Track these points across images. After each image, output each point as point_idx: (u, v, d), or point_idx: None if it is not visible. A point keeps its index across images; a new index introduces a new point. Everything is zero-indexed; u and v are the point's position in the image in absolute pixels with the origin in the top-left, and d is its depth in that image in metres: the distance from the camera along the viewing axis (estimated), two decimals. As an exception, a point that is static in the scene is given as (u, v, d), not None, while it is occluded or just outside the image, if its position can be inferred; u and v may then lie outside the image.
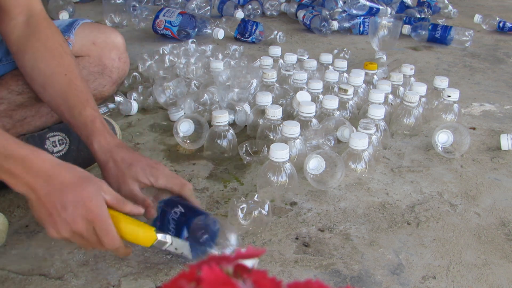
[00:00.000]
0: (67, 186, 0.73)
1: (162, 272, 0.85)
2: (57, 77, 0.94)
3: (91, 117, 0.90)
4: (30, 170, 0.72)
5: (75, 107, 0.91)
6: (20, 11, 0.97)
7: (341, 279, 0.85)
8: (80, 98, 0.92)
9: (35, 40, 0.96)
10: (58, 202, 0.72)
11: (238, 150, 1.20)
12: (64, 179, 0.73)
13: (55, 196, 0.72)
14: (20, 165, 0.72)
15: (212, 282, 0.30)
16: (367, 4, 2.47)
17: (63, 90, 0.93)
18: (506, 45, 2.39)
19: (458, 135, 1.26)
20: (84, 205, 0.72)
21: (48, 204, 0.72)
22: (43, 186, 0.72)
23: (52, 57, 0.95)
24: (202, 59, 1.70)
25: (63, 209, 0.72)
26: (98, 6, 2.68)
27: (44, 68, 0.94)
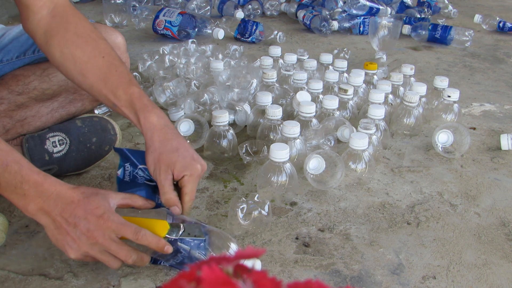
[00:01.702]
0: (75, 203, 0.75)
1: (162, 272, 0.85)
2: (95, 61, 0.92)
3: (137, 94, 0.89)
4: (42, 194, 0.75)
5: (119, 87, 0.90)
6: (42, 4, 0.94)
7: (341, 279, 0.85)
8: (122, 78, 0.91)
9: (65, 30, 0.94)
10: (71, 220, 0.74)
11: (238, 150, 1.20)
12: (73, 198, 0.75)
13: (67, 215, 0.74)
14: (34, 190, 0.75)
15: (212, 282, 0.30)
16: (367, 4, 2.47)
17: (104, 73, 0.91)
18: (506, 45, 2.39)
19: (458, 135, 1.26)
20: (94, 214, 0.74)
21: (63, 223, 0.75)
22: (55, 207, 0.74)
23: (86, 43, 0.93)
24: (202, 59, 1.70)
25: (76, 223, 0.74)
26: (98, 6, 2.68)
27: (80, 55, 0.92)
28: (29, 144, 1.05)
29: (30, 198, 0.75)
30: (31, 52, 1.11)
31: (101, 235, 0.74)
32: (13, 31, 1.13)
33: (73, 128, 1.10)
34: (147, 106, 0.88)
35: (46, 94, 1.09)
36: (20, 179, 0.74)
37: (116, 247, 0.76)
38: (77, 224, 0.74)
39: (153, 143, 0.87)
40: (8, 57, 1.08)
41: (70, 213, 0.74)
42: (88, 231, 0.74)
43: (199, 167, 0.87)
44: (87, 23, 0.97)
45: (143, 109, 0.88)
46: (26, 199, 0.75)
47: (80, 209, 0.74)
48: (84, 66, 0.92)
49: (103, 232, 0.74)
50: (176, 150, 0.86)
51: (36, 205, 0.75)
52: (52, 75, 1.10)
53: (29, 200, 0.75)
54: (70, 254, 0.76)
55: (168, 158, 0.85)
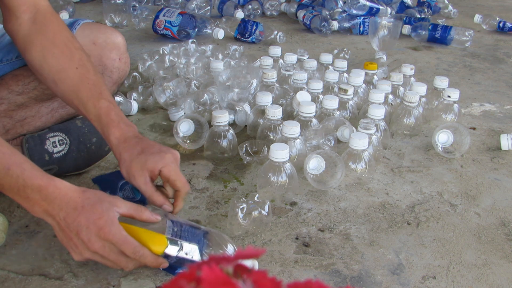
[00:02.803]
0: (79, 210, 0.75)
1: (162, 272, 0.85)
2: (68, 72, 0.93)
3: (105, 109, 0.89)
4: (46, 198, 0.75)
5: (89, 100, 0.90)
6: (25, 9, 0.96)
7: (341, 279, 0.85)
8: (93, 92, 0.91)
9: (43, 36, 0.95)
10: (73, 226, 0.74)
11: (238, 150, 1.20)
12: (77, 204, 0.75)
13: (70, 221, 0.74)
14: (38, 194, 0.74)
15: (212, 282, 0.30)
16: (367, 4, 2.47)
17: (75, 85, 0.92)
18: (506, 45, 2.39)
19: (458, 135, 1.26)
20: (95, 224, 0.74)
21: (66, 229, 0.75)
22: (59, 213, 0.75)
23: (61, 52, 0.94)
24: (202, 59, 1.70)
25: (78, 232, 0.74)
26: (98, 6, 2.69)
27: (54, 64, 0.93)
28: (29, 144, 1.05)
29: (34, 201, 0.75)
30: (31, 52, 1.11)
31: (100, 247, 0.75)
32: (13, 31, 1.13)
33: (73, 128, 1.10)
34: (113, 121, 0.89)
35: (46, 94, 1.09)
36: (23, 183, 0.74)
37: (115, 258, 0.76)
38: (79, 232, 0.74)
39: (121, 156, 0.88)
40: (8, 57, 1.08)
41: (73, 220, 0.74)
42: (89, 241, 0.74)
43: (169, 155, 0.87)
44: (66, 32, 0.97)
45: (109, 125, 0.89)
46: (29, 202, 0.75)
47: (82, 217, 0.74)
48: (57, 75, 0.93)
49: (103, 244, 0.75)
50: (142, 152, 0.86)
51: (41, 208, 0.75)
52: (52, 75, 1.10)
53: (33, 203, 0.75)
54: (73, 256, 0.77)
55: (138, 162, 0.86)
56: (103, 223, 0.74)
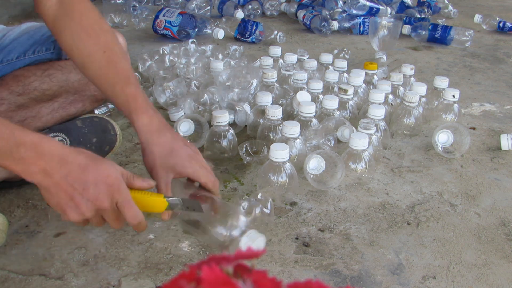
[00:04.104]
0: (84, 167, 0.73)
1: (162, 272, 0.85)
2: (95, 56, 0.92)
3: (133, 94, 0.89)
4: (43, 156, 0.71)
5: (116, 84, 0.90)
6: None
7: (341, 279, 0.85)
8: (120, 76, 0.91)
9: (70, 20, 0.93)
10: (78, 184, 0.72)
11: (238, 150, 1.20)
12: (80, 161, 0.73)
13: (75, 178, 0.72)
14: (33, 152, 0.70)
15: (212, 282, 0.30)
16: (367, 4, 2.47)
17: (103, 69, 0.91)
18: (506, 45, 2.39)
19: (458, 135, 1.26)
20: (105, 182, 0.73)
21: (68, 187, 0.72)
22: (59, 170, 0.71)
23: (88, 36, 0.93)
24: (202, 59, 1.70)
25: (85, 189, 0.72)
26: (98, 6, 2.68)
27: (81, 48, 0.92)
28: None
29: (29, 161, 0.70)
30: (31, 52, 1.11)
31: (109, 205, 0.73)
32: (14, 31, 1.13)
33: (73, 129, 1.10)
34: (140, 108, 0.89)
35: (47, 95, 1.09)
36: (15, 142, 0.70)
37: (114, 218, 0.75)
38: (86, 190, 0.72)
39: (147, 146, 0.88)
40: (8, 58, 1.08)
41: (78, 177, 0.72)
42: (97, 199, 0.72)
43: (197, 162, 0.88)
44: (93, 13, 0.96)
45: (137, 111, 0.89)
46: (24, 163, 0.70)
47: (90, 175, 0.72)
48: (85, 59, 0.93)
49: (111, 203, 0.74)
50: (172, 152, 0.87)
51: (37, 167, 0.71)
52: (52, 76, 1.10)
53: (29, 163, 0.70)
54: (70, 217, 0.73)
55: (166, 163, 0.86)
56: (112, 181, 0.74)
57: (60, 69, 1.12)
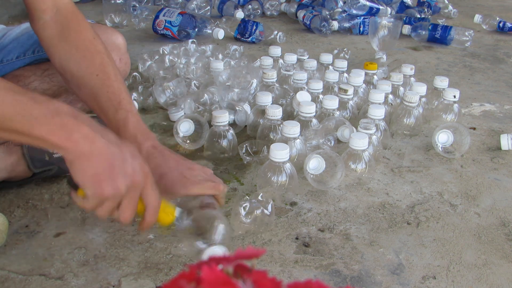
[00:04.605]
0: (120, 142, 0.72)
1: (162, 272, 0.85)
2: (88, 78, 0.91)
3: (122, 121, 0.88)
4: (84, 123, 0.68)
5: (108, 110, 0.89)
6: (45, 9, 0.93)
7: (341, 279, 0.85)
8: (112, 101, 0.90)
9: (64, 40, 0.92)
10: (119, 154, 0.70)
11: (238, 150, 1.20)
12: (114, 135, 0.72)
13: (116, 149, 0.70)
14: (74, 118, 0.67)
15: (212, 282, 0.30)
16: (367, 4, 2.47)
17: (96, 93, 0.90)
18: (506, 45, 2.39)
19: (458, 135, 1.26)
20: (138, 158, 0.73)
21: (110, 156, 0.69)
22: (101, 139, 0.69)
23: (83, 57, 0.92)
24: (202, 59, 1.70)
25: (124, 162, 0.70)
26: (98, 6, 2.68)
27: (75, 70, 0.91)
28: (29, 144, 1.05)
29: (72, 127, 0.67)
30: (31, 52, 1.11)
31: (142, 182, 0.72)
32: (14, 31, 1.13)
33: (73, 128, 1.10)
34: (130, 136, 0.87)
35: (47, 95, 1.09)
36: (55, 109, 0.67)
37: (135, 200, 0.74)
38: (125, 162, 0.70)
39: None
40: (8, 58, 1.08)
41: (118, 148, 0.70)
42: (134, 172, 0.71)
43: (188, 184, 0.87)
44: (88, 33, 0.95)
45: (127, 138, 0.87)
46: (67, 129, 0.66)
47: (128, 150, 0.72)
48: (79, 81, 0.92)
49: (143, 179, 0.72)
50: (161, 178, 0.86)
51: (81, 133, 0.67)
52: (52, 76, 1.10)
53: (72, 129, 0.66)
54: (105, 189, 0.69)
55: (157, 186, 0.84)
56: (142, 161, 0.73)
57: (60, 69, 1.12)
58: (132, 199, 0.73)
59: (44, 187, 1.07)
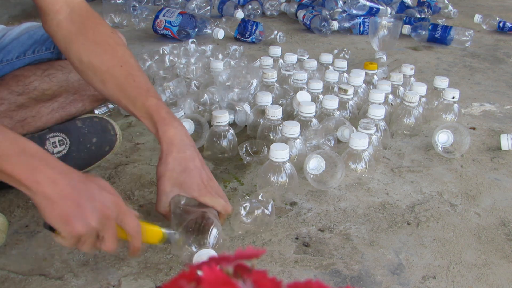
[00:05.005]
0: (85, 178, 0.73)
1: (162, 272, 0.85)
2: (113, 71, 0.91)
3: (155, 106, 0.89)
4: (48, 165, 0.70)
5: (137, 98, 0.90)
6: (58, 9, 0.93)
7: (341, 279, 0.85)
8: (140, 89, 0.91)
9: (83, 37, 0.93)
10: (84, 191, 0.71)
11: (238, 150, 1.20)
12: (79, 174, 0.73)
13: (81, 186, 0.71)
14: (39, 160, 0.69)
15: (212, 282, 0.30)
16: (367, 4, 2.47)
17: (122, 83, 0.91)
18: (506, 45, 2.39)
19: (458, 135, 1.26)
20: (108, 191, 0.73)
21: (75, 195, 0.70)
22: (64, 180, 0.70)
23: (105, 51, 0.92)
24: (202, 59, 1.70)
25: (91, 198, 0.71)
26: (98, 6, 2.68)
27: (99, 65, 0.92)
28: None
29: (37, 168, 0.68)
30: (31, 52, 1.11)
31: (114, 212, 0.73)
32: (14, 31, 1.13)
33: (73, 129, 1.10)
34: (164, 119, 0.89)
35: (47, 95, 1.09)
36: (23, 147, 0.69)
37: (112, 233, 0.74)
38: (92, 198, 0.71)
39: (167, 157, 0.88)
40: (8, 58, 1.08)
41: (83, 187, 0.71)
42: (104, 205, 0.71)
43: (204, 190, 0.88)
44: (105, 28, 0.95)
45: (161, 122, 0.89)
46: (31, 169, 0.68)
47: (94, 185, 0.72)
48: (103, 75, 0.92)
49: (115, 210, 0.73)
50: (184, 170, 0.87)
51: (45, 175, 0.68)
52: (52, 76, 1.10)
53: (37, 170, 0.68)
54: (76, 227, 0.69)
55: (174, 176, 0.87)
56: (113, 192, 0.74)
57: (60, 69, 1.12)
58: (108, 230, 0.73)
59: (44, 187, 1.07)
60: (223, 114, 1.20)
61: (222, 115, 1.19)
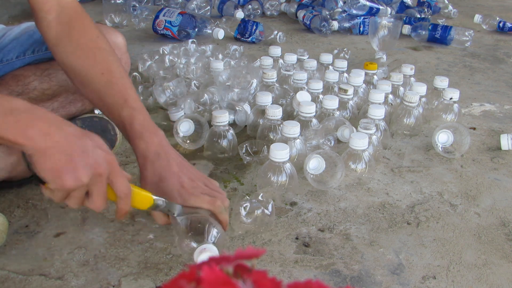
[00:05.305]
0: (81, 133, 0.72)
1: (162, 272, 0.85)
2: (93, 77, 0.91)
3: (128, 118, 0.88)
4: (41, 118, 0.68)
5: (114, 108, 0.90)
6: (48, 9, 0.93)
7: (341, 279, 0.85)
8: (117, 99, 0.90)
9: (68, 39, 0.93)
10: (78, 145, 0.69)
11: (238, 150, 1.20)
12: (76, 128, 0.72)
13: (74, 141, 0.70)
14: (29, 114, 0.68)
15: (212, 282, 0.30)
16: (367, 4, 2.47)
17: (100, 91, 0.91)
18: (506, 45, 2.39)
19: (458, 135, 1.26)
20: (101, 148, 0.72)
21: (68, 148, 0.68)
22: (58, 132, 0.69)
23: (86, 56, 0.92)
24: (202, 59, 1.70)
25: (84, 153, 0.70)
26: (98, 6, 2.68)
27: (80, 69, 0.92)
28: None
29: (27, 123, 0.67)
30: (31, 52, 1.11)
31: (106, 171, 0.72)
32: (13, 31, 1.13)
33: (73, 128, 1.10)
34: (136, 133, 0.88)
35: (46, 95, 1.09)
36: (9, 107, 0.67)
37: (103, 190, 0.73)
38: (85, 153, 0.70)
39: (143, 171, 0.88)
40: (8, 57, 1.08)
41: (77, 140, 0.70)
42: (96, 162, 0.71)
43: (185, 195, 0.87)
44: (92, 32, 0.95)
45: (133, 136, 0.88)
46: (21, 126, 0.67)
47: (89, 141, 0.71)
48: (83, 79, 0.92)
49: (107, 167, 0.72)
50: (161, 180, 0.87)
51: (36, 129, 0.67)
52: (52, 76, 1.10)
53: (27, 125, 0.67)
54: (65, 181, 0.68)
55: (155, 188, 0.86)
56: (107, 150, 0.73)
57: (59, 69, 1.12)
58: (99, 188, 0.72)
59: (44, 187, 1.07)
60: (223, 114, 1.20)
61: (222, 115, 1.19)
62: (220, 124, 1.20)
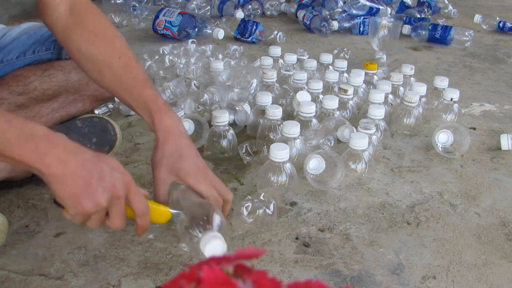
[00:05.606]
0: (97, 157, 0.73)
1: (162, 272, 0.85)
2: (111, 62, 0.93)
3: (152, 96, 0.90)
4: (57, 146, 0.70)
5: (134, 89, 0.91)
6: (59, 2, 0.94)
7: (341, 279, 0.85)
8: (137, 80, 0.92)
9: (82, 28, 0.94)
10: (95, 171, 0.71)
11: (238, 150, 1.20)
12: (91, 153, 0.73)
13: (91, 166, 0.71)
14: (46, 142, 0.69)
15: (212, 282, 0.30)
16: (367, 4, 2.47)
17: (119, 74, 0.92)
18: (506, 45, 2.39)
19: (458, 135, 1.26)
20: (118, 171, 0.74)
21: (85, 174, 0.70)
22: (75, 159, 0.70)
23: (103, 42, 0.94)
24: (202, 59, 1.70)
25: (101, 176, 0.71)
26: (98, 6, 2.68)
27: (97, 55, 0.93)
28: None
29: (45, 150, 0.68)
30: (31, 52, 1.11)
31: (123, 192, 0.73)
32: (14, 31, 1.13)
33: (73, 129, 1.10)
34: (161, 109, 0.89)
35: (47, 95, 1.09)
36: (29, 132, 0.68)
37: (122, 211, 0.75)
38: (102, 177, 0.71)
39: (163, 144, 0.88)
40: (8, 58, 1.08)
41: (93, 166, 0.71)
42: (114, 186, 0.72)
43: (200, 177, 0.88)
44: (104, 20, 0.97)
45: (158, 112, 0.89)
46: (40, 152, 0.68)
47: (104, 164, 0.72)
48: (101, 66, 0.93)
49: (125, 190, 0.74)
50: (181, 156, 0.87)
51: (53, 156, 0.69)
52: (52, 76, 1.10)
53: (45, 152, 0.68)
54: (86, 207, 0.71)
55: (171, 163, 0.87)
56: (124, 171, 0.75)
57: (60, 69, 1.12)
58: (117, 209, 0.75)
59: (44, 187, 1.07)
60: (223, 114, 1.20)
61: (222, 115, 1.19)
62: (220, 124, 1.20)
